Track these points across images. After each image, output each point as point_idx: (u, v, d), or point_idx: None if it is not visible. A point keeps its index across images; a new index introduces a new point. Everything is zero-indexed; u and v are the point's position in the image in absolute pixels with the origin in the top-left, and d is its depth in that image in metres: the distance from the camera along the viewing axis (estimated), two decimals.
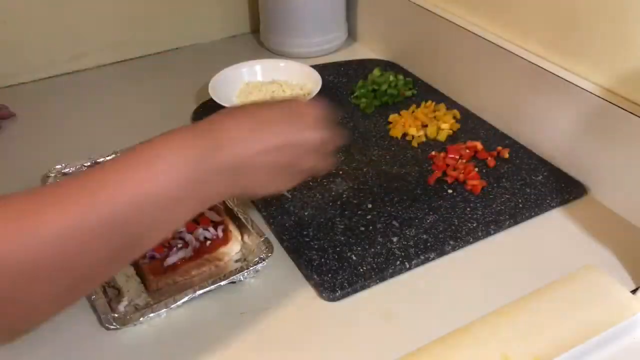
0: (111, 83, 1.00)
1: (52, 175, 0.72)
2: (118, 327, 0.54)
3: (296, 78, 0.91)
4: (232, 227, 0.64)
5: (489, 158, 0.75)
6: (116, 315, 0.55)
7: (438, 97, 0.90)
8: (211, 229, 0.62)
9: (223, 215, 0.65)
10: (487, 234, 0.66)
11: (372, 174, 0.74)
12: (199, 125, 0.48)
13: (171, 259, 0.59)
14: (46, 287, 0.38)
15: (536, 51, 0.75)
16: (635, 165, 0.64)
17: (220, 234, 0.62)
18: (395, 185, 0.72)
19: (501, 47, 0.78)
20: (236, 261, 0.62)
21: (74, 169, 0.74)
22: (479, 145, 0.77)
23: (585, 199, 0.71)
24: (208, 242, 0.61)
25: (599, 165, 0.69)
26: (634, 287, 0.59)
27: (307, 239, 0.64)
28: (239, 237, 0.64)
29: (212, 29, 1.13)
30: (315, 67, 0.93)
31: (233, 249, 0.62)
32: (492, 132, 0.82)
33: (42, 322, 0.41)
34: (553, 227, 0.67)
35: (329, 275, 0.60)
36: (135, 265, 0.61)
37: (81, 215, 0.39)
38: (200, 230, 0.62)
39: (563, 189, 0.71)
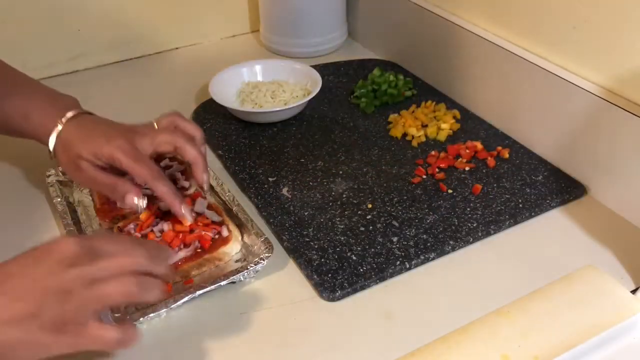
0: (111, 83, 1.00)
1: (52, 175, 0.72)
2: None
3: (296, 78, 0.91)
4: (232, 227, 0.63)
5: (489, 158, 0.75)
6: (116, 315, 0.55)
7: (438, 97, 0.90)
8: (212, 229, 0.62)
9: (223, 215, 0.65)
10: (487, 234, 0.66)
11: (372, 174, 0.74)
12: None
13: (171, 259, 0.59)
14: None
15: (537, 51, 0.75)
16: (635, 165, 0.64)
17: (222, 233, 0.62)
18: (395, 185, 0.72)
19: (501, 47, 0.78)
20: (236, 261, 0.62)
21: None
22: (479, 145, 0.77)
23: (585, 199, 0.71)
24: (209, 242, 0.61)
25: (599, 165, 0.69)
26: (634, 287, 0.59)
27: (307, 239, 0.64)
28: (239, 237, 0.64)
29: (212, 29, 1.13)
30: (315, 67, 0.93)
31: (233, 249, 0.62)
32: (492, 132, 0.82)
33: None
34: (553, 227, 0.67)
35: (329, 275, 0.60)
36: None
37: None
38: (201, 231, 0.62)
39: (563, 189, 0.71)
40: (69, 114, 0.63)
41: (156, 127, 0.64)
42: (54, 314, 0.42)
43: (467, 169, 0.74)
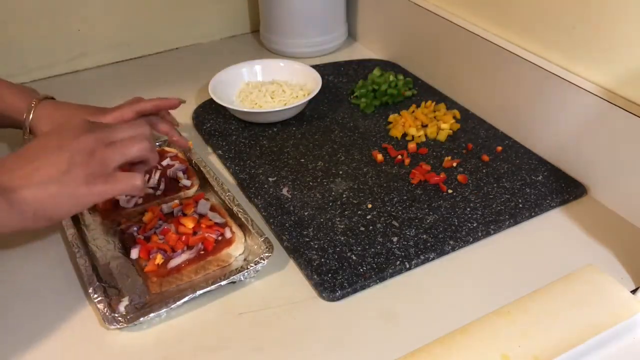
0: (111, 83, 1.00)
1: None
2: (118, 327, 0.54)
3: (296, 78, 0.91)
4: (235, 229, 0.63)
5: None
6: (116, 315, 0.55)
7: (438, 97, 0.90)
8: (215, 231, 0.62)
9: (226, 216, 0.65)
10: (487, 234, 0.66)
11: (372, 174, 0.74)
12: None
13: (175, 261, 0.59)
14: None
15: (537, 51, 0.75)
16: (635, 165, 0.64)
17: (225, 235, 0.62)
18: (395, 185, 0.72)
19: (501, 47, 0.78)
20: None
21: None
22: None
23: (585, 199, 0.71)
24: (212, 244, 0.61)
25: (599, 165, 0.69)
26: (634, 287, 0.59)
27: (307, 239, 0.64)
28: (243, 239, 0.63)
29: (212, 29, 1.13)
30: (315, 67, 0.93)
31: (237, 251, 0.62)
32: (492, 132, 0.82)
33: None
34: (553, 227, 0.67)
35: (329, 275, 0.60)
36: (138, 266, 0.60)
37: None
38: (204, 232, 0.62)
39: (563, 189, 0.71)
40: (41, 96, 0.73)
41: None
42: (83, 168, 0.51)
43: (454, 164, 0.74)
